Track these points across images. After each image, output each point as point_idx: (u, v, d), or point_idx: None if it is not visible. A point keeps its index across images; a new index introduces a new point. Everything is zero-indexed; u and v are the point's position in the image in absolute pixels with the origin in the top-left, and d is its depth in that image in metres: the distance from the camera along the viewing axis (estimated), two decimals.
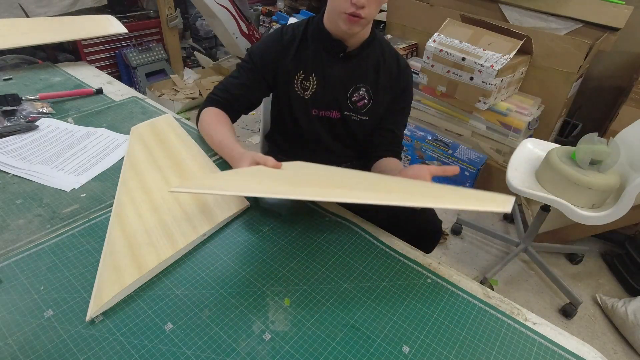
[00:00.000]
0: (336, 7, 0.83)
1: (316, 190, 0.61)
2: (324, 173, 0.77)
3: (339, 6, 0.82)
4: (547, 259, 1.79)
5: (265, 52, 0.95)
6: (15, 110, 0.99)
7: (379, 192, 0.65)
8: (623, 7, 1.75)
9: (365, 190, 0.64)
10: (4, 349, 0.51)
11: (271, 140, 1.17)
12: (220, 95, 0.96)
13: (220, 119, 0.92)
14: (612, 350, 1.42)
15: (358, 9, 0.80)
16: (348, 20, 0.82)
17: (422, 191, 0.69)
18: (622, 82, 2.13)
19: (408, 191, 0.67)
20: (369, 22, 0.86)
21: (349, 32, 0.86)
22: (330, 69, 0.94)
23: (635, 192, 1.15)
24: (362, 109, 0.98)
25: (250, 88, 0.97)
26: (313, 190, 0.61)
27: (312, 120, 0.99)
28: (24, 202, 0.75)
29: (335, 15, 0.85)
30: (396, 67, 0.98)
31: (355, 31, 0.86)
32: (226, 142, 0.84)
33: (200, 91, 2.69)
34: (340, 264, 0.68)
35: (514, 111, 1.86)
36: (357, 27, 0.84)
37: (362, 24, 0.84)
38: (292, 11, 3.42)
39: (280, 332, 0.56)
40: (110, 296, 0.56)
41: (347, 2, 0.80)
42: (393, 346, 0.55)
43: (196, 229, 0.69)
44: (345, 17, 0.82)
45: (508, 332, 0.59)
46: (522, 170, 1.44)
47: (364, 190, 0.64)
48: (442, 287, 0.65)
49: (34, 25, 1.35)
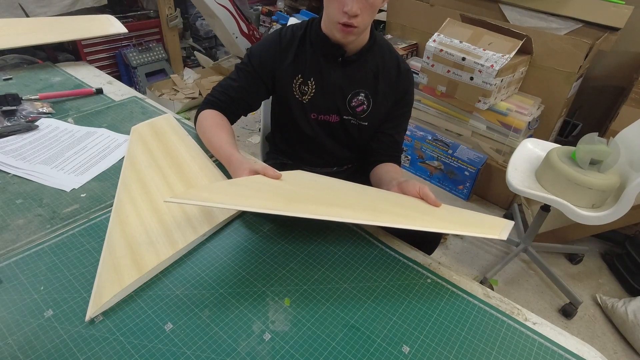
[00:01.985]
0: (330, 16, 0.82)
1: (313, 208, 0.60)
2: (323, 186, 0.76)
3: (333, 16, 0.81)
4: (547, 259, 1.79)
5: (264, 54, 0.94)
6: (15, 110, 0.99)
7: (377, 212, 0.64)
8: (623, 7, 1.75)
9: (364, 210, 0.64)
10: (4, 349, 0.51)
11: (271, 141, 1.17)
12: (218, 97, 0.94)
13: (219, 122, 0.91)
14: (612, 350, 1.42)
15: (351, 19, 0.79)
16: (342, 30, 0.82)
17: (421, 212, 0.69)
18: (622, 82, 2.13)
19: (405, 213, 0.67)
20: (363, 30, 0.85)
21: (343, 41, 0.86)
22: (329, 74, 0.93)
23: (635, 192, 1.15)
24: (361, 114, 0.97)
25: (248, 91, 0.95)
26: (310, 207, 0.61)
27: (311, 124, 0.99)
28: (24, 202, 0.75)
29: (330, 25, 0.84)
30: (396, 72, 0.97)
31: (350, 40, 0.85)
32: (225, 148, 0.82)
33: (200, 91, 2.70)
34: (340, 264, 0.68)
35: (514, 111, 1.86)
36: (351, 36, 0.84)
37: (357, 32, 0.83)
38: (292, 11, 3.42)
39: (280, 332, 0.56)
40: (109, 296, 0.56)
41: (340, 12, 0.79)
42: (393, 346, 0.55)
43: (196, 229, 0.69)
44: (339, 27, 0.81)
45: (508, 332, 0.59)
46: (522, 170, 1.44)
47: (362, 210, 0.63)
48: (442, 287, 0.65)
49: (34, 25, 1.35)
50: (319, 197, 0.68)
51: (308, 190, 0.72)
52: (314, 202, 0.64)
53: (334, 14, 0.81)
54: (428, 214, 0.69)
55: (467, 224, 0.69)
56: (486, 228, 0.66)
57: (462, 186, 2.09)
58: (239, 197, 0.62)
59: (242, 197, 0.62)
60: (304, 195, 0.68)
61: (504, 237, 0.63)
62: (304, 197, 0.67)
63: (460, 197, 2.12)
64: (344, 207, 0.64)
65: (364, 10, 0.79)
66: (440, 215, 0.70)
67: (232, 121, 0.96)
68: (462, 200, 2.11)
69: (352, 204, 0.66)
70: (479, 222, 0.70)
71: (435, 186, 2.21)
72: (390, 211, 0.67)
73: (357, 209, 0.64)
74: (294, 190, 0.70)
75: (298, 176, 0.82)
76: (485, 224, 0.69)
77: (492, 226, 0.67)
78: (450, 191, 2.16)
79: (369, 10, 0.80)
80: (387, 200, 0.74)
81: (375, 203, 0.71)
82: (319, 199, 0.67)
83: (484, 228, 0.66)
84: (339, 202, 0.67)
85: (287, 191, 0.68)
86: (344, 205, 0.65)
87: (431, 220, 0.66)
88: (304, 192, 0.70)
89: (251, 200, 0.60)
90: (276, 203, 0.60)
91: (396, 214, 0.66)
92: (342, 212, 0.60)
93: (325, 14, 0.86)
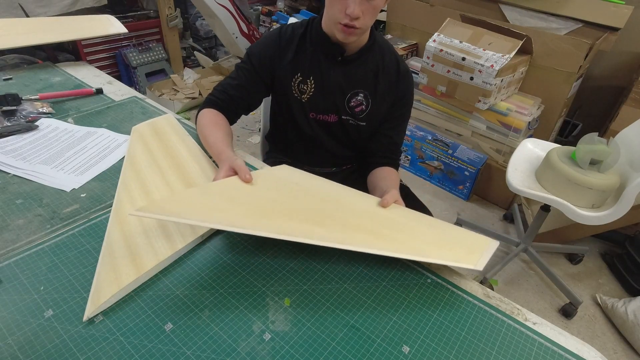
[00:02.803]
0: (332, 16, 0.83)
1: (284, 227, 0.59)
2: (301, 190, 0.75)
3: (334, 16, 0.81)
4: (547, 259, 1.79)
5: (263, 53, 0.94)
6: (15, 110, 0.99)
7: (350, 231, 0.64)
8: (623, 7, 1.75)
9: (335, 229, 0.63)
10: (4, 349, 0.51)
11: (271, 141, 1.17)
12: (218, 96, 0.95)
13: (217, 121, 0.91)
14: (612, 350, 1.42)
15: (352, 20, 0.79)
16: (343, 31, 0.82)
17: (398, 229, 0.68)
18: (622, 82, 2.13)
19: (379, 232, 0.66)
20: (364, 31, 0.85)
21: (344, 42, 0.86)
22: (328, 73, 0.93)
23: (635, 192, 1.15)
24: (359, 115, 0.97)
25: (248, 90, 0.96)
26: (281, 225, 0.60)
27: (310, 123, 0.99)
28: (24, 202, 0.75)
29: (331, 24, 0.84)
30: (396, 73, 0.96)
31: (351, 41, 0.85)
32: (217, 145, 0.83)
33: (200, 91, 2.70)
34: (340, 264, 0.67)
35: (514, 111, 1.86)
36: (352, 37, 0.84)
37: (358, 33, 0.84)
38: (292, 11, 3.42)
39: (280, 332, 0.56)
40: (107, 296, 0.56)
41: (341, 13, 0.79)
42: (393, 346, 0.55)
43: (195, 229, 0.69)
44: (340, 28, 0.81)
45: (508, 332, 0.59)
46: (522, 170, 1.44)
47: (333, 230, 0.63)
48: (442, 287, 0.65)
49: (34, 25, 1.35)
50: (293, 208, 0.67)
51: (284, 197, 0.71)
52: (286, 215, 0.63)
53: (335, 14, 0.81)
54: (405, 232, 0.68)
55: (444, 246, 0.66)
56: (464, 254, 0.64)
57: (462, 186, 2.09)
58: (208, 210, 0.60)
59: (211, 211, 0.60)
60: (278, 206, 0.67)
61: (480, 268, 0.60)
62: (278, 208, 0.66)
63: (460, 197, 2.12)
64: (316, 223, 0.63)
65: (366, 13, 0.79)
66: (417, 234, 0.69)
67: (232, 120, 0.97)
68: (462, 200, 2.11)
69: (325, 218, 0.66)
70: (459, 242, 0.68)
71: (436, 186, 2.21)
72: (364, 228, 0.66)
73: (329, 227, 0.63)
74: (269, 197, 0.69)
75: (277, 176, 0.80)
76: (465, 245, 0.67)
77: (472, 250, 0.65)
78: (450, 191, 2.16)
79: (371, 12, 0.81)
80: (362, 213, 0.72)
81: (350, 217, 0.69)
82: (292, 210, 0.66)
83: (462, 253, 0.64)
84: (312, 215, 0.66)
85: (260, 200, 0.67)
86: (316, 220, 0.64)
87: (405, 240, 0.65)
88: (279, 201, 0.69)
89: (220, 214, 0.58)
90: (245, 219, 0.59)
91: (369, 232, 0.65)
92: (311, 231, 0.60)
93: (326, 13, 0.86)
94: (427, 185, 2.22)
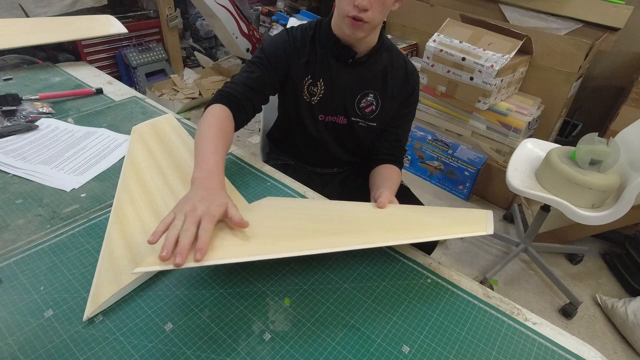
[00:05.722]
0: (340, 10, 0.82)
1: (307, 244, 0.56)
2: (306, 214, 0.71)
3: (343, 9, 0.81)
4: (547, 259, 1.79)
5: (279, 48, 0.92)
6: (15, 110, 0.99)
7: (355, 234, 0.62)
8: (623, 7, 1.75)
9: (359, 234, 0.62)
10: (4, 349, 0.51)
11: (273, 141, 1.17)
12: (235, 89, 0.86)
13: (223, 127, 0.79)
14: (612, 350, 1.42)
15: (361, 12, 0.79)
16: (351, 24, 0.81)
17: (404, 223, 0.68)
18: (622, 82, 2.13)
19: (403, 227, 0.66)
20: (373, 27, 0.84)
21: (353, 37, 0.85)
22: (339, 75, 0.93)
23: (635, 192, 1.15)
24: (369, 115, 0.97)
25: (266, 82, 0.90)
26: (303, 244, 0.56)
27: (318, 125, 0.98)
28: (24, 202, 0.75)
29: (340, 20, 0.84)
30: (404, 72, 0.97)
31: (360, 36, 0.84)
32: (209, 160, 0.69)
33: (200, 91, 2.70)
34: (340, 264, 0.67)
35: (514, 111, 1.86)
36: (360, 32, 0.83)
37: (366, 29, 0.83)
38: (292, 11, 3.42)
39: (280, 332, 0.56)
40: (107, 296, 0.56)
41: (350, 5, 0.79)
42: (393, 346, 0.55)
43: None
44: (348, 21, 0.81)
45: (508, 332, 0.59)
46: (522, 170, 1.44)
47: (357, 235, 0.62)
48: (442, 287, 0.65)
49: (34, 25, 1.35)
50: (301, 228, 0.64)
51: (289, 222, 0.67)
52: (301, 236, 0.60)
53: (344, 7, 0.81)
54: (414, 222, 0.68)
55: (451, 224, 0.68)
56: (470, 225, 0.66)
57: (462, 186, 2.09)
58: (214, 249, 0.54)
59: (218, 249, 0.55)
60: (289, 230, 0.63)
61: (491, 231, 0.63)
62: (290, 232, 0.62)
63: (460, 197, 2.12)
64: (332, 233, 0.62)
65: (374, 5, 0.79)
66: (424, 222, 0.69)
67: (242, 122, 0.88)
68: (462, 200, 2.11)
69: (339, 227, 0.65)
70: (462, 219, 0.70)
71: (436, 186, 2.21)
72: (377, 227, 0.66)
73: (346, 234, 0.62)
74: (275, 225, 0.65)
75: (267, 206, 0.74)
76: (468, 220, 0.68)
77: (474, 221, 0.67)
78: (450, 191, 2.16)
79: (380, 6, 0.80)
80: (368, 216, 0.71)
81: (359, 222, 0.68)
82: (303, 230, 0.63)
83: (470, 226, 0.65)
84: (324, 228, 0.64)
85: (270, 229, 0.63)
86: (332, 231, 0.63)
87: (418, 228, 0.65)
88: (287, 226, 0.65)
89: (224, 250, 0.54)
90: (274, 245, 0.56)
91: (383, 229, 0.65)
92: (333, 241, 0.59)
93: (336, 10, 0.86)
94: (427, 185, 2.22)
